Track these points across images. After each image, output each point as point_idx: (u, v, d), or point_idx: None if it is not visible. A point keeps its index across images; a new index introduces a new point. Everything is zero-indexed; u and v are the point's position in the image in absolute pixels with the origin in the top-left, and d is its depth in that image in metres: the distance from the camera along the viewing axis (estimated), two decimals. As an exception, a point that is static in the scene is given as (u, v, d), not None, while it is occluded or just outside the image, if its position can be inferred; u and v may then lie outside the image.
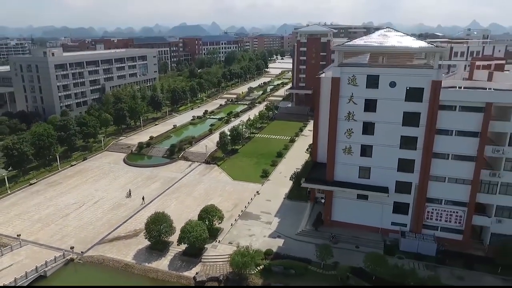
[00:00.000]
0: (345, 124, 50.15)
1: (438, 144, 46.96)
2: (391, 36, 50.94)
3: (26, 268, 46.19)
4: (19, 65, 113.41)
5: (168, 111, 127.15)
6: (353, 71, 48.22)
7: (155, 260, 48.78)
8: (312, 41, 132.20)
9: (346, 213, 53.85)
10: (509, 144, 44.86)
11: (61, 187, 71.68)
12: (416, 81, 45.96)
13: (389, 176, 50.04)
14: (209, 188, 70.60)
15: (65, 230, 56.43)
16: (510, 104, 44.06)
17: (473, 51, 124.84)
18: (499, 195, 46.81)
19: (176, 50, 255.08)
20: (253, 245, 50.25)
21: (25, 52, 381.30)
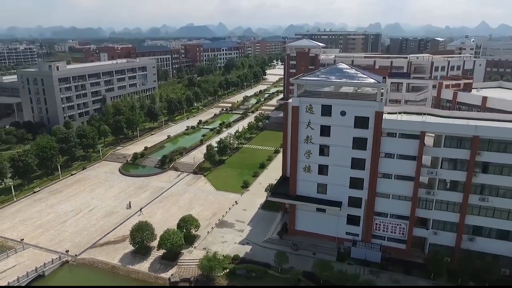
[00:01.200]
0: (305, 146, 57.45)
1: (382, 166, 54.06)
2: (342, 69, 57.87)
3: (27, 269, 54.13)
4: (26, 78, 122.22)
5: (165, 121, 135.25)
6: (310, 101, 55.50)
7: (138, 263, 56.51)
8: (301, 55, 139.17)
9: (307, 223, 61.16)
10: (441, 167, 51.85)
11: (61, 195, 79.82)
12: (362, 111, 53.08)
13: (343, 192, 57.23)
14: (193, 197, 78.23)
15: (63, 235, 64.40)
16: (440, 133, 51.00)
17: (453, 65, 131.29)
18: (434, 210, 53.80)
19: (178, 57, 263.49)
20: (224, 251, 57.97)
21: (33, 56, 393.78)
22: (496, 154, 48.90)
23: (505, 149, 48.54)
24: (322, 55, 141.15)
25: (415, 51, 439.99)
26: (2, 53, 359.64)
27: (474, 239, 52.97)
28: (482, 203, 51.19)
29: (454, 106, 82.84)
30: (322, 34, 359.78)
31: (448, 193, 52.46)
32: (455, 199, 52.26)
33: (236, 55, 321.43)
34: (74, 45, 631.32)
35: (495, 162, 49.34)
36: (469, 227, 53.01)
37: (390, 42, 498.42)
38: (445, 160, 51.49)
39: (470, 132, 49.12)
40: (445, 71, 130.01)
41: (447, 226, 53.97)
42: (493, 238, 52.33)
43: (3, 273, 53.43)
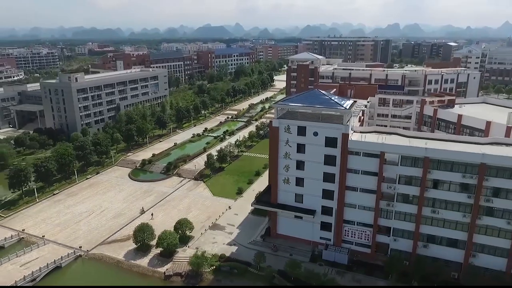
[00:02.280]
0: (284, 161, 66.09)
1: (349, 180, 62.24)
2: (318, 95, 66.08)
3: (47, 261, 64.46)
4: (48, 88, 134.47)
5: (173, 128, 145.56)
6: (288, 122, 64.11)
7: (139, 259, 66.20)
8: (301, 67, 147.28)
9: (287, 228, 69.76)
10: (399, 182, 59.72)
11: (77, 198, 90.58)
12: (331, 132, 61.37)
13: (317, 202, 65.63)
14: (192, 202, 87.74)
15: (77, 233, 74.77)
16: (397, 153, 58.82)
17: (447, 78, 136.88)
18: (394, 220, 61.63)
19: (190, 63, 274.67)
20: (213, 250, 67.15)
21: (55, 59, 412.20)
22: (444, 172, 56.52)
23: (451, 169, 56.09)
24: (322, 67, 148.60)
25: (427, 56, 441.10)
26: (26, 57, 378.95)
27: (428, 246, 60.59)
28: (434, 215, 58.82)
29: (435, 122, 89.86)
30: (332, 40, 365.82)
31: (405, 205, 60.26)
32: (411, 211, 60.02)
33: (247, 60, 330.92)
34: (94, 48, 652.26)
35: (444, 179, 56.93)
36: (424, 235, 60.67)
37: (402, 47, 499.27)
38: (402, 176, 59.34)
39: (421, 153, 56.88)
40: (438, 84, 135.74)
41: (405, 234, 61.75)
42: (444, 246, 59.83)
43: (27, 264, 63.95)
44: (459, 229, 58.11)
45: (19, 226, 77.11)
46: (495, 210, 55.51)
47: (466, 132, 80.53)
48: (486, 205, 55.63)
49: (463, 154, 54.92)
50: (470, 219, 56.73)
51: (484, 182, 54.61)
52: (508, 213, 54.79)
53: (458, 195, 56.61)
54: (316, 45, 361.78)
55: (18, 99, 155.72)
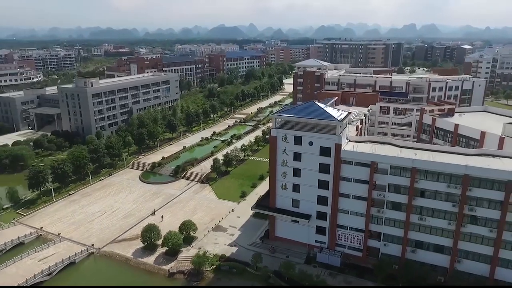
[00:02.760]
0: (282, 168, 70.33)
1: (342, 187, 66.12)
2: (314, 107, 69.95)
3: (62, 257, 70.12)
4: (65, 93, 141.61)
5: (183, 131, 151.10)
6: (285, 132, 68.35)
7: (146, 257, 71.35)
8: (307, 74, 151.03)
9: (284, 231, 73.96)
10: (388, 190, 63.33)
11: (90, 198, 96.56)
12: (325, 143, 65.33)
13: (312, 207, 69.68)
14: (197, 204, 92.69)
15: (90, 232, 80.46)
16: (386, 163, 62.43)
17: (452, 86, 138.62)
18: (384, 226, 65.25)
19: (202, 66, 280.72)
20: (215, 251, 71.84)
21: (72, 61, 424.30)
22: (430, 182, 59.95)
23: (437, 179, 59.48)
24: (328, 74, 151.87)
25: (440, 59, 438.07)
26: (44, 59, 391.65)
27: (416, 251, 64.04)
28: (421, 222, 62.25)
29: (433, 130, 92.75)
30: (343, 43, 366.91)
31: (394, 212, 63.81)
32: (400, 218, 63.54)
33: (258, 63, 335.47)
34: (109, 49, 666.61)
35: (430, 188, 60.35)
36: (412, 241, 64.14)
37: (415, 49, 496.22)
38: (391, 185, 62.94)
39: (409, 164, 60.42)
40: (443, 92, 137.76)
41: (394, 239, 65.29)
42: (431, 251, 63.20)
43: (45, 259, 69.75)
44: (445, 236, 61.42)
45: (37, 224, 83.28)
46: (478, 219, 58.69)
47: (462, 141, 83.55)
48: (470, 214, 58.85)
49: (448, 165, 58.28)
50: (455, 226, 59.99)
51: (467, 192, 57.87)
52: (491, 222, 57.92)
53: (444, 203, 59.96)
54: (327, 48, 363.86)
55: (37, 102, 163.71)
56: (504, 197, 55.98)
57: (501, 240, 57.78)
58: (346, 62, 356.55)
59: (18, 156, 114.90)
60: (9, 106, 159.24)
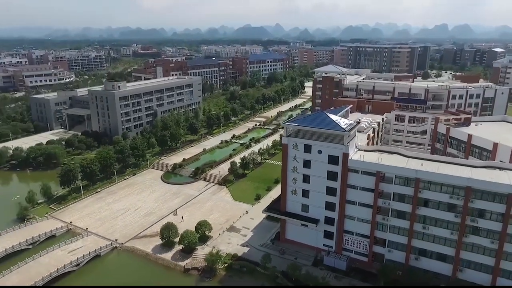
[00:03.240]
0: (292, 174, 74.08)
1: (349, 195, 69.17)
2: (323, 117, 73.12)
3: (89, 250, 76.61)
4: (94, 96, 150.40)
5: (204, 134, 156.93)
6: (296, 140, 72.06)
7: (164, 253, 76.79)
8: (326, 80, 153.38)
9: (294, 234, 77.64)
10: (393, 199, 65.91)
11: (115, 196, 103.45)
12: (333, 151, 68.58)
13: (320, 212, 73.05)
14: (214, 205, 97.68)
15: (114, 227, 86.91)
16: (391, 173, 65.03)
17: (473, 94, 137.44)
18: (389, 233, 67.82)
19: (225, 69, 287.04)
20: (228, 250, 76.44)
21: (102, 62, 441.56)
22: (434, 192, 62.15)
23: (441, 190, 61.63)
24: (347, 79, 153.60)
25: (470, 62, 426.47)
26: (76, 60, 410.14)
27: (419, 258, 66.30)
28: (425, 231, 64.52)
29: (447, 140, 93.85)
30: (367, 46, 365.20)
31: (399, 220, 66.29)
32: (404, 226, 65.98)
33: (281, 66, 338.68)
34: (138, 50, 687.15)
35: (433, 199, 62.56)
36: (415, 249, 66.41)
37: (443, 53, 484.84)
38: (395, 194, 65.49)
39: (413, 174, 62.86)
40: (463, 99, 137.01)
41: (398, 246, 67.74)
42: (434, 259, 65.29)
43: (73, 251, 76.47)
44: (448, 245, 63.43)
45: (67, 218, 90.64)
46: (480, 230, 60.45)
47: (475, 151, 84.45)
48: (472, 225, 60.71)
49: (450, 177, 60.38)
50: (457, 236, 61.95)
51: (469, 203, 59.78)
52: (492, 233, 59.57)
53: (446, 214, 62.04)
54: (351, 51, 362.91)
55: (69, 103, 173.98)
56: (505, 210, 57.58)
57: (502, 251, 59.33)
58: (370, 65, 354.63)
59: (51, 154, 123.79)
60: (43, 107, 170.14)
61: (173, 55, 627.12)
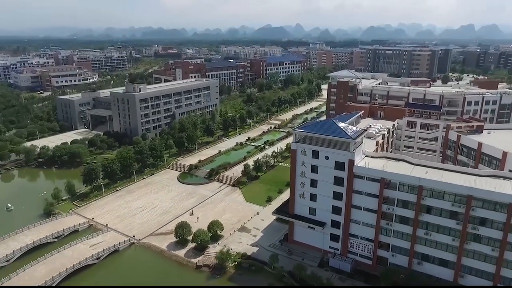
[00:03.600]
0: (300, 178, 77.19)
1: (355, 200, 71.77)
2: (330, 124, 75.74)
3: (109, 245, 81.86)
4: (116, 97, 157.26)
5: (220, 136, 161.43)
6: (304, 146, 75.12)
7: (178, 250, 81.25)
8: (341, 84, 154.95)
9: (302, 235, 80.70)
10: (397, 205, 68.15)
11: (134, 194, 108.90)
12: (340, 158, 71.31)
13: (327, 216, 75.88)
14: (227, 206, 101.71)
15: (132, 225, 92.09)
16: (395, 180, 67.25)
17: (489, 100, 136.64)
18: (392, 237, 70.07)
19: (243, 71, 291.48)
20: (238, 249, 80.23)
21: (124, 62, 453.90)
22: (436, 200, 64.13)
23: (443, 197, 63.56)
24: (362, 84, 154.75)
25: (494, 66, 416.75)
26: (100, 60, 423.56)
27: (422, 263, 68.32)
28: (427, 237, 66.51)
29: (457, 147, 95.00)
30: (386, 49, 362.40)
31: (402, 226, 68.49)
32: (407, 231, 68.12)
33: (299, 68, 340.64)
34: (159, 50, 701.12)
35: (436, 206, 64.51)
36: (418, 254, 68.44)
37: (465, 55, 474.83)
38: (399, 200, 67.71)
39: (416, 182, 64.99)
40: (479, 106, 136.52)
41: (402, 251, 69.88)
42: (436, 264, 67.20)
43: (94, 245, 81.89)
44: (449, 251, 65.28)
45: (89, 215, 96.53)
46: (481, 237, 62.09)
47: (485, 159, 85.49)
48: (473, 232, 62.41)
49: (452, 185, 62.25)
50: (459, 243, 63.73)
51: (471, 211, 61.54)
52: (493, 241, 61.14)
53: (448, 221, 63.92)
54: (370, 54, 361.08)
55: (92, 104, 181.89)
56: (506, 219, 59.10)
57: (503, 259, 60.82)
58: (390, 68, 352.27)
59: (75, 154, 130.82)
60: (68, 107, 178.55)
61: (193, 55, 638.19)
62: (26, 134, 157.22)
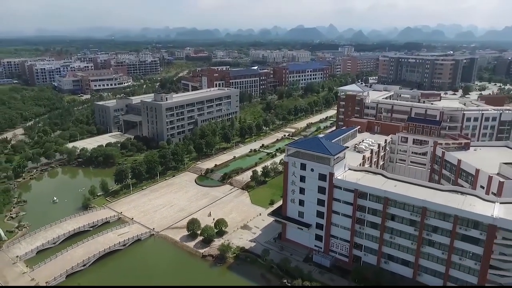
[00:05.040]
0: (291, 186, 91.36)
1: (334, 206, 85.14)
2: (317, 141, 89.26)
3: (133, 234, 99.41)
4: (145, 105, 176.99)
5: (237, 142, 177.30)
6: (294, 159, 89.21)
7: (189, 242, 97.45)
8: (348, 98, 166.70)
9: (292, 235, 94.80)
10: (367, 212, 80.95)
11: (157, 193, 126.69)
12: (323, 170, 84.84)
13: (313, 219, 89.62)
14: (234, 206, 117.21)
15: (153, 219, 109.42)
16: (365, 192, 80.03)
17: (488, 117, 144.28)
18: (365, 239, 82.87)
19: (265, 78, 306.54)
20: (238, 243, 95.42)
21: (157, 66, 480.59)
22: (398, 209, 76.51)
23: (403, 208, 75.88)
24: (369, 98, 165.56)
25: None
26: (135, 64, 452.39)
27: (388, 263, 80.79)
28: (392, 240, 78.94)
29: (442, 162, 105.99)
30: (409, 57, 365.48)
31: (372, 230, 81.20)
32: (376, 235, 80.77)
33: (321, 76, 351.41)
34: (190, 53, 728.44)
35: (398, 214, 76.90)
36: (385, 254, 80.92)
37: (496, 63, 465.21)
38: (369, 208, 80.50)
39: (382, 194, 77.63)
40: (478, 122, 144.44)
41: (372, 251, 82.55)
42: (399, 264, 79.47)
43: (121, 235, 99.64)
44: (409, 253, 77.42)
45: (118, 209, 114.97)
46: (434, 242, 73.94)
47: (463, 175, 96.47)
48: (427, 238, 74.39)
49: (410, 198, 74.51)
50: (416, 246, 75.83)
51: (425, 220, 73.57)
52: (443, 246, 72.86)
53: (408, 227, 76.14)
54: (393, 62, 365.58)
55: (125, 109, 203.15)
56: (452, 227, 70.84)
57: (450, 261, 72.49)
58: (412, 76, 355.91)
59: (109, 155, 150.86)
60: (105, 112, 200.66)
61: (222, 58, 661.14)
62: (68, 136, 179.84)
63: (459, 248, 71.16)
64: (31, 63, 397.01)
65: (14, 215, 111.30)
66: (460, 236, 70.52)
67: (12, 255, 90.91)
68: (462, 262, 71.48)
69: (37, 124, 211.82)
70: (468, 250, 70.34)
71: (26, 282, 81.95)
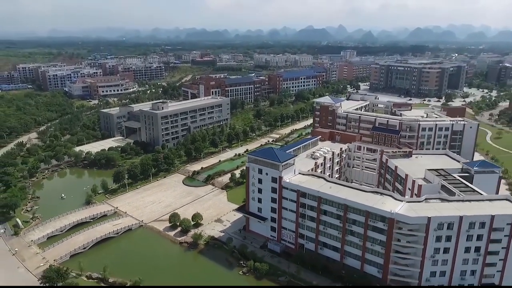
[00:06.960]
0: (252, 187, 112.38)
1: (284, 203, 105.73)
2: (271, 150, 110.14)
3: (125, 225, 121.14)
4: (143, 114, 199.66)
5: (224, 147, 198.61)
6: (253, 165, 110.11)
7: (170, 231, 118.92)
8: (323, 109, 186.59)
9: (254, 226, 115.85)
10: (306, 208, 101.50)
11: (148, 192, 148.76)
12: (274, 174, 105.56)
13: (268, 213, 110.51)
14: (213, 203, 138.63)
15: (143, 213, 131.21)
16: (305, 191, 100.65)
17: (442, 127, 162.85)
18: (306, 230, 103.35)
19: (259, 86, 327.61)
20: (210, 233, 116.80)
21: (162, 72, 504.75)
22: (328, 206, 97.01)
23: (332, 205, 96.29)
24: (341, 109, 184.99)
25: None
26: (141, 70, 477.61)
27: (323, 249, 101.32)
28: (325, 230, 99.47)
29: (386, 168, 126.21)
30: (398, 65, 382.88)
31: (310, 222, 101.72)
32: (313, 226, 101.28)
33: (314, 83, 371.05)
34: (196, 57, 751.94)
35: (328, 210, 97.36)
36: (321, 242, 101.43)
37: (487, 69, 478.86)
38: (308, 205, 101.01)
39: (316, 194, 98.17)
40: (432, 131, 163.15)
41: (311, 240, 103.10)
42: (331, 250, 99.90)
43: (116, 225, 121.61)
44: (337, 241, 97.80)
45: (115, 204, 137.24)
46: (354, 232, 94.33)
47: (399, 179, 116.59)
48: (349, 229, 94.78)
49: (335, 197, 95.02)
50: (341, 236, 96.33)
51: (347, 215, 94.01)
52: (360, 235, 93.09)
53: (335, 220, 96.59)
54: (383, 70, 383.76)
55: (127, 116, 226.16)
56: (365, 220, 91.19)
57: (366, 247, 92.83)
58: (401, 83, 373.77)
59: (110, 158, 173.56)
60: (109, 119, 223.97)
61: (227, 62, 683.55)
62: (76, 140, 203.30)
63: (371, 236, 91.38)
64: (44, 69, 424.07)
65: (29, 209, 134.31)
66: (371, 227, 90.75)
67: (28, 240, 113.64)
68: (373, 248, 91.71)
69: (49, 128, 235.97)
70: (377, 238, 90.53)
71: (39, 260, 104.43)
